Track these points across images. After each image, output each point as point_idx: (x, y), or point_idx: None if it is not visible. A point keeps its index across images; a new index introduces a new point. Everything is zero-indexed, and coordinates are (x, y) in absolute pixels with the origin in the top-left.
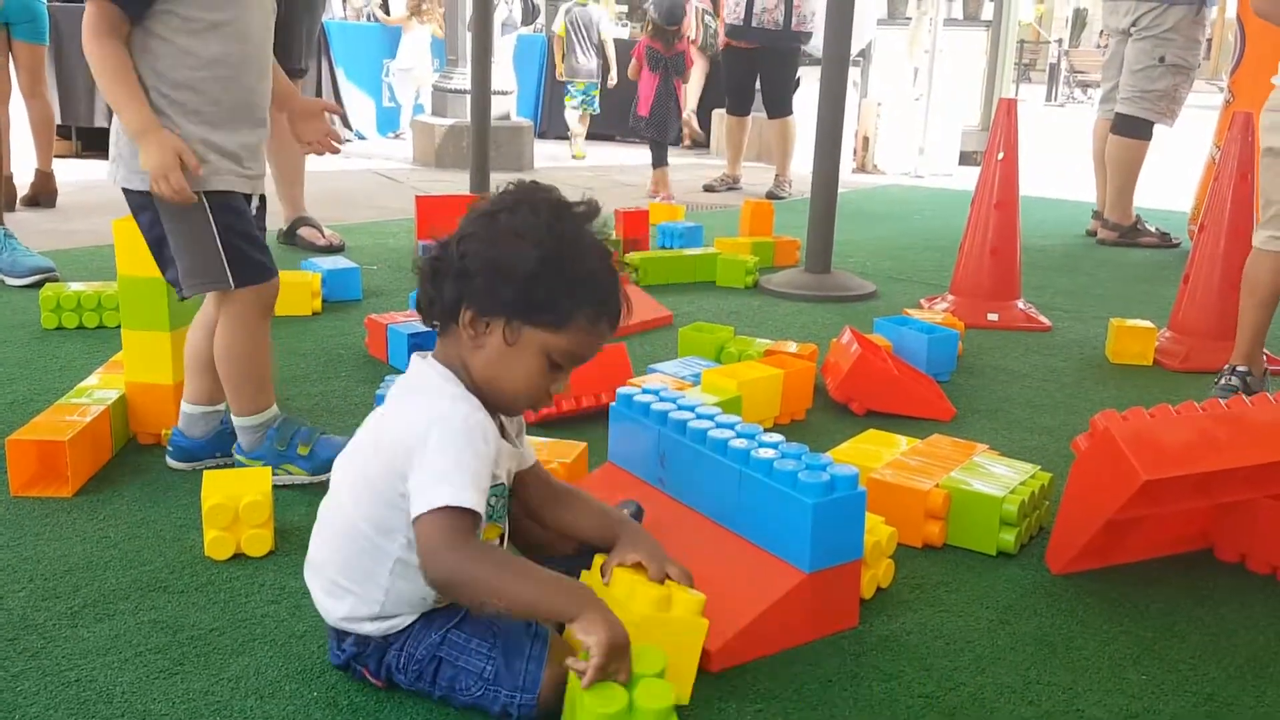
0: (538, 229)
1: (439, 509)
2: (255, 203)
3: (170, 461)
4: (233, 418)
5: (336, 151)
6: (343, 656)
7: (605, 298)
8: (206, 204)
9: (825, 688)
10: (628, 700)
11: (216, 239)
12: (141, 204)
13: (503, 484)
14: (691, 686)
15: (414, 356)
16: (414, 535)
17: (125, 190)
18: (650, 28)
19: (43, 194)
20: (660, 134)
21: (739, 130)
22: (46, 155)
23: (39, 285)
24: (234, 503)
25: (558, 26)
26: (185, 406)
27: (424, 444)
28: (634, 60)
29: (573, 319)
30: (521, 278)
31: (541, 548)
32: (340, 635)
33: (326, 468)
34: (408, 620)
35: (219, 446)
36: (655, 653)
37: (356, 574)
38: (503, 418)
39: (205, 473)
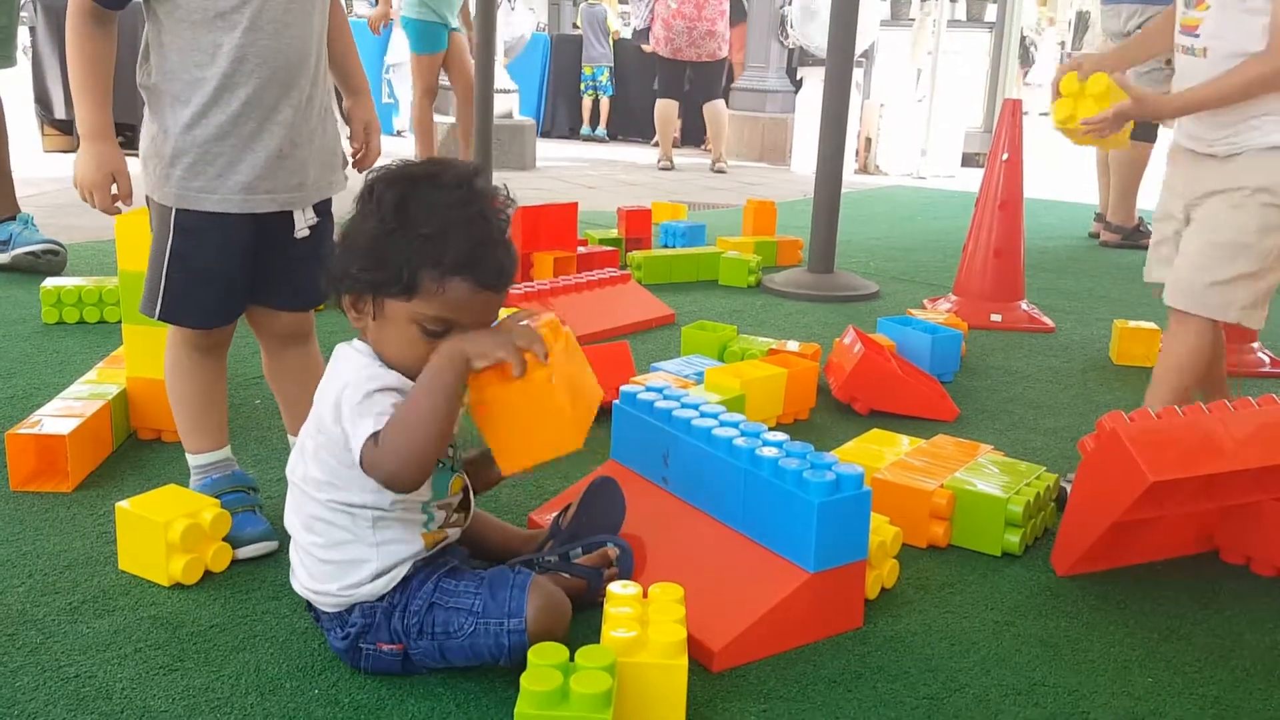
0: (383, 202)
1: (368, 438)
2: (302, 219)
3: None
4: None
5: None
6: (349, 636)
7: (454, 255)
8: (171, 224)
9: (829, 688)
10: (562, 681)
11: (165, 262)
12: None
13: (450, 441)
14: None
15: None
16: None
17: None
18: None
19: None
20: None
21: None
22: None
23: (40, 257)
24: (200, 520)
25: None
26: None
27: (342, 403)
28: None
29: (420, 283)
30: (360, 252)
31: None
32: (342, 617)
33: (234, 544)
34: (405, 570)
35: None
36: (603, 650)
37: (344, 543)
38: None
39: (119, 507)
